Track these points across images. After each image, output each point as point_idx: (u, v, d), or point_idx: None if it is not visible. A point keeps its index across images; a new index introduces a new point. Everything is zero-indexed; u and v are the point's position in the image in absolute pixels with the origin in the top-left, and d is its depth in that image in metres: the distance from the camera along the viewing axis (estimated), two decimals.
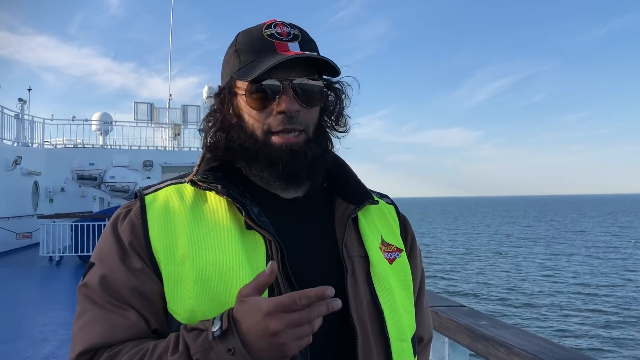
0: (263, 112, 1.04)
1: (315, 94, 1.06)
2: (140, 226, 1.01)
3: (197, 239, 0.98)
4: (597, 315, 16.64)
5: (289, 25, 1.08)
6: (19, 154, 15.96)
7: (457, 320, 2.38)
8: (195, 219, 1.01)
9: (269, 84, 1.02)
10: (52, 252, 12.67)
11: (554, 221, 71.16)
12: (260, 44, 1.04)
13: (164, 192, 1.07)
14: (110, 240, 1.02)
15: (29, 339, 6.05)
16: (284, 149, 1.03)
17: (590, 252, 33.34)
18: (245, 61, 1.05)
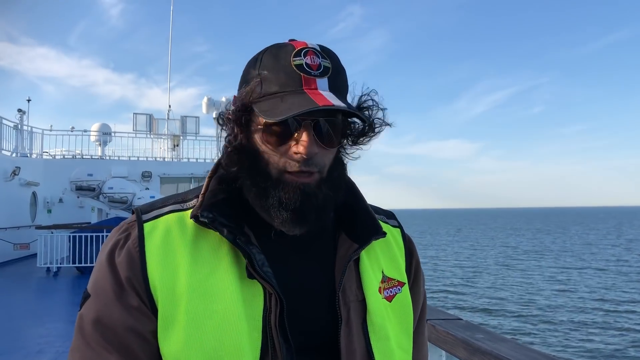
0: (279, 148, 0.97)
1: (336, 134, 1.00)
2: (138, 260, 0.96)
3: (196, 283, 0.94)
4: (625, 333, 15.88)
5: (320, 54, 0.98)
6: (18, 164, 15.96)
7: (454, 333, 2.37)
8: (195, 259, 0.96)
9: (290, 121, 0.95)
10: (49, 263, 12.62)
11: (558, 233, 70.48)
12: (286, 76, 0.95)
13: (164, 220, 1.01)
14: (107, 273, 0.98)
15: (25, 351, 6.02)
16: (297, 189, 0.96)
17: (601, 266, 32.50)
18: (266, 90, 0.96)
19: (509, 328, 16.90)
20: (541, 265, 33.49)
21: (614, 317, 18.03)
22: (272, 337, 0.93)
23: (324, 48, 1.01)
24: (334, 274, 1.04)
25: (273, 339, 0.93)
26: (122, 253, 0.98)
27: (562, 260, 36.51)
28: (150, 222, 1.01)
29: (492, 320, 18.08)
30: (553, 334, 16.03)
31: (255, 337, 0.92)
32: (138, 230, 1.00)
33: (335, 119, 0.99)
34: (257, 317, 0.93)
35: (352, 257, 1.04)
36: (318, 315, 1.01)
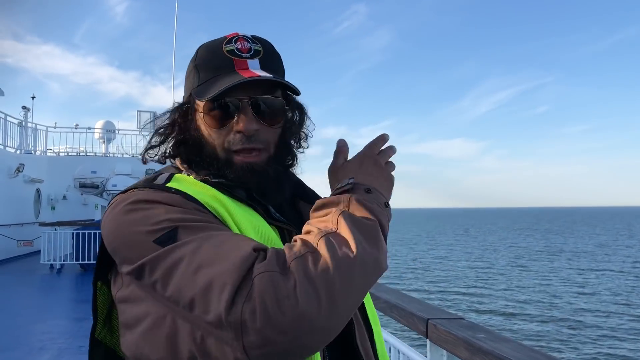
0: (222, 130, 1.02)
1: (275, 112, 1.04)
2: (186, 197, 0.92)
3: (245, 217, 0.96)
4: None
5: (252, 40, 1.05)
6: (22, 161, 16.00)
7: (455, 333, 2.36)
8: (234, 202, 0.98)
9: (227, 102, 1.00)
10: (53, 260, 12.66)
11: (567, 234, 68.94)
12: (219, 61, 1.02)
13: (180, 177, 1.02)
14: (166, 207, 0.90)
15: (27, 347, 6.04)
16: (245, 169, 1.01)
17: (619, 267, 31.14)
18: (203, 78, 1.03)
19: (531, 333, 16.04)
20: (555, 267, 32.43)
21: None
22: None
23: (256, 36, 1.08)
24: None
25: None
26: (165, 195, 0.93)
27: (577, 261, 35.58)
28: (170, 182, 0.98)
29: (513, 325, 17.21)
30: (580, 341, 15.10)
31: None
32: (165, 189, 0.94)
33: (274, 97, 1.04)
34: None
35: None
36: None
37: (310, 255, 0.80)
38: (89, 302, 1.09)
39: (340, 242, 0.82)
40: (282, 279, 0.76)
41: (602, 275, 28.18)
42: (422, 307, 2.93)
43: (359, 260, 0.81)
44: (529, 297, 21.99)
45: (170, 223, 0.86)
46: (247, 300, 0.74)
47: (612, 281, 26.02)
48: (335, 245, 0.81)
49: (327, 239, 0.82)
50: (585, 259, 36.69)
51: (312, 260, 0.79)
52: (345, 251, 0.81)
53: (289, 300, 0.74)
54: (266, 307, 0.73)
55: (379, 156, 1.06)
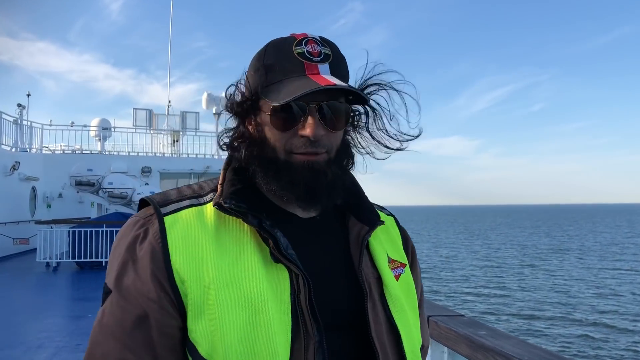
0: (287, 132, 1.01)
1: (340, 117, 1.04)
2: (161, 253, 0.96)
3: (222, 271, 0.95)
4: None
5: (321, 43, 1.04)
6: (17, 159, 15.94)
7: (457, 330, 2.36)
8: (219, 248, 0.97)
9: (295, 106, 0.99)
10: (49, 258, 12.63)
11: (571, 231, 67.24)
12: (289, 64, 1.01)
13: (185, 214, 1.02)
14: (129, 266, 0.97)
15: (24, 345, 6.02)
16: (306, 167, 1.01)
17: (634, 266, 30.20)
18: (272, 79, 1.02)
19: (554, 335, 15.36)
20: (564, 266, 31.26)
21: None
22: (304, 318, 0.95)
23: (324, 38, 1.06)
24: (350, 253, 1.09)
25: (305, 319, 0.95)
26: (143, 247, 0.97)
27: (587, 259, 34.50)
28: (170, 215, 1.01)
29: (534, 327, 16.37)
30: (612, 346, 14.40)
31: (285, 320, 0.94)
32: (159, 224, 0.99)
33: (339, 102, 1.03)
34: (285, 299, 0.95)
35: (367, 237, 1.09)
36: (342, 292, 1.04)
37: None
38: (86, 300, 1.15)
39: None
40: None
41: (620, 275, 27.18)
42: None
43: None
44: (547, 299, 21.19)
45: (111, 285, 0.97)
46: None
47: (632, 283, 24.97)
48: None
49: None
50: (595, 257, 35.76)
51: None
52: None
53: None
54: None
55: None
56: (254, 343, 0.91)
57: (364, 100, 1.06)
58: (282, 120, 1.01)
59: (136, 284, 0.95)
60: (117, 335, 0.93)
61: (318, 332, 0.94)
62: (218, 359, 0.90)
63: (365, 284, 1.05)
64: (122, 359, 0.92)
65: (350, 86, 1.01)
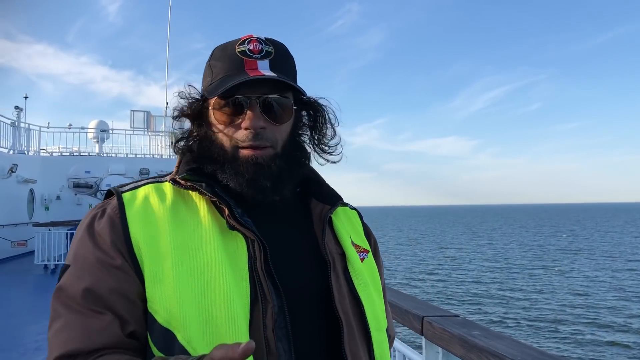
0: (230, 126, 1.07)
1: (283, 110, 1.08)
2: (120, 223, 1.00)
3: (179, 241, 0.98)
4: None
5: (264, 42, 1.09)
6: (15, 161, 15.91)
7: (451, 330, 2.38)
8: (176, 220, 1.01)
9: (235, 100, 1.05)
10: (47, 261, 12.62)
11: (576, 231, 65.79)
12: (230, 61, 1.07)
13: (143, 190, 1.07)
14: (87, 240, 1.00)
15: (22, 348, 6.03)
16: (250, 161, 1.05)
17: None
18: (215, 77, 1.08)
19: (584, 342, 14.47)
20: (576, 267, 29.94)
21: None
22: (261, 283, 0.97)
23: (270, 38, 1.11)
24: (314, 231, 1.14)
25: (262, 284, 0.97)
26: (102, 221, 1.01)
27: (599, 260, 33.18)
28: (128, 192, 1.07)
29: (561, 334, 15.32)
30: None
31: (244, 285, 0.96)
32: (117, 200, 1.04)
33: (282, 97, 1.07)
34: (242, 265, 0.98)
35: (328, 213, 1.14)
36: (306, 264, 1.08)
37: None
38: None
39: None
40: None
41: (638, 276, 26.14)
42: (417, 304, 2.94)
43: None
44: (568, 302, 20.12)
45: (69, 260, 1.00)
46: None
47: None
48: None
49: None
50: (606, 258, 34.63)
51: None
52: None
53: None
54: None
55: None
56: (212, 308, 0.93)
57: (308, 103, 1.13)
58: (225, 114, 1.06)
59: (95, 253, 0.98)
60: (77, 302, 0.94)
61: (277, 298, 0.97)
62: (176, 325, 0.92)
63: (329, 257, 1.09)
64: (86, 326, 0.92)
65: (279, 77, 1.03)
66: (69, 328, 0.93)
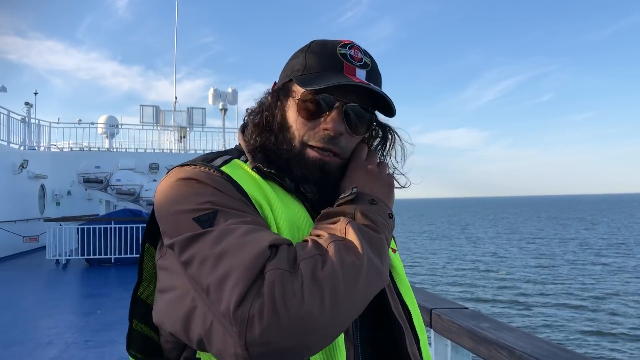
0: (309, 122, 1.05)
1: (363, 123, 1.08)
2: (231, 183, 0.96)
3: (285, 214, 0.99)
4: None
5: (364, 52, 1.09)
6: (26, 157, 16.03)
7: (460, 322, 2.36)
8: (275, 194, 1.01)
9: (324, 98, 1.04)
10: (58, 256, 12.70)
11: (610, 223, 60.95)
12: (330, 60, 1.06)
13: (237, 163, 1.05)
14: (214, 190, 0.94)
15: (34, 342, 6.07)
16: (316, 165, 1.05)
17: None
18: (310, 69, 1.06)
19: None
20: (624, 266, 26.08)
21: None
22: None
23: (367, 51, 1.11)
24: None
25: None
26: (216, 179, 0.96)
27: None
28: (224, 165, 1.02)
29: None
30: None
31: None
32: (219, 172, 0.98)
33: (365, 110, 1.08)
34: None
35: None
36: None
37: (320, 258, 0.83)
38: (95, 297, 1.11)
39: (349, 249, 0.85)
40: (290, 278, 0.78)
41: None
42: (425, 296, 2.92)
43: (365, 268, 0.85)
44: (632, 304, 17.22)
45: (213, 206, 0.91)
46: (257, 296, 0.76)
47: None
48: (343, 251, 0.84)
49: (336, 245, 0.85)
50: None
51: (321, 263, 0.82)
52: (352, 258, 0.84)
53: (295, 299, 0.76)
54: (274, 303, 0.75)
55: (370, 162, 1.09)
56: None
57: (391, 113, 1.11)
58: (309, 110, 1.05)
59: (235, 202, 0.93)
60: (260, 231, 0.88)
61: None
62: None
63: None
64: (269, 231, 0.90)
65: (382, 91, 1.04)
66: (258, 230, 0.88)
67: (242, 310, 0.76)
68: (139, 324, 1.11)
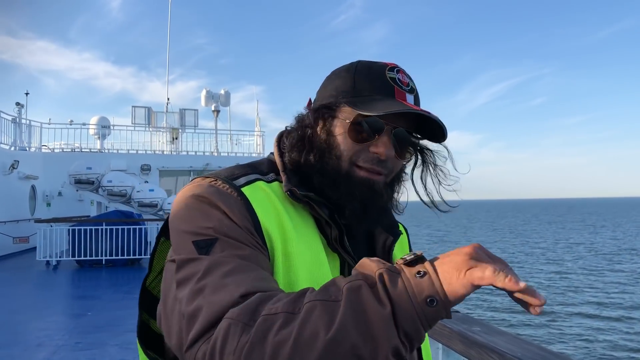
0: (358, 145, 1.04)
1: (408, 148, 1.11)
2: (246, 209, 0.95)
3: (300, 248, 0.98)
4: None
5: (409, 77, 1.10)
6: (17, 158, 15.93)
7: (451, 326, 2.37)
8: (295, 226, 1.00)
9: (375, 123, 1.03)
10: (49, 257, 12.63)
11: (616, 227, 59.18)
12: (381, 84, 1.05)
13: (260, 186, 1.03)
14: (221, 216, 0.93)
15: (24, 344, 6.03)
16: (365, 184, 1.04)
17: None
18: (360, 91, 1.05)
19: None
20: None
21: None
22: None
23: (409, 75, 1.11)
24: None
25: None
26: (229, 201, 0.95)
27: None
28: (246, 186, 1.00)
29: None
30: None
31: None
32: (237, 192, 0.97)
33: (411, 135, 1.09)
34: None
35: (392, 247, 1.16)
36: None
37: (284, 317, 0.75)
38: (86, 299, 1.11)
39: (323, 316, 0.73)
40: (240, 331, 0.75)
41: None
42: None
43: (326, 345, 0.72)
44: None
45: (214, 233, 0.91)
46: (205, 342, 0.77)
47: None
48: (315, 318, 0.73)
49: (315, 306, 0.75)
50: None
51: (280, 324, 0.74)
52: (317, 328, 0.72)
53: (234, 356, 0.73)
54: (214, 354, 0.75)
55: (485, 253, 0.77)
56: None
57: (440, 139, 1.10)
58: (359, 133, 1.04)
59: (239, 231, 0.92)
60: (251, 271, 0.87)
61: None
62: None
63: None
64: (257, 273, 0.87)
65: (438, 119, 1.03)
66: (246, 271, 0.86)
67: (191, 352, 0.79)
68: (146, 315, 1.12)
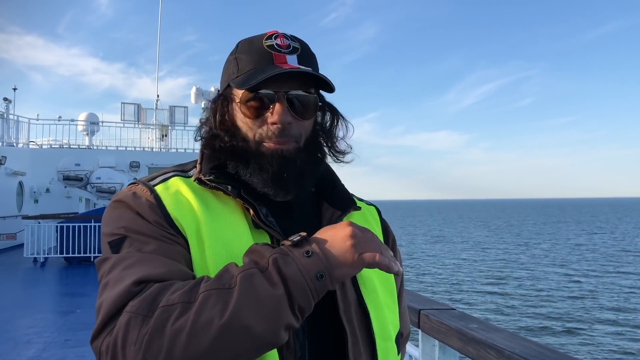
0: (256, 120, 1.06)
1: (309, 107, 1.08)
2: (158, 207, 0.99)
3: (215, 232, 0.98)
4: None
5: (290, 38, 1.09)
6: (4, 154, 15.79)
7: (448, 323, 2.36)
8: (210, 211, 1.01)
9: (264, 94, 1.04)
10: (36, 254, 12.56)
11: (599, 227, 59.39)
12: (259, 54, 1.06)
13: (173, 181, 1.06)
14: (133, 215, 0.98)
15: (12, 341, 5.98)
16: (274, 155, 1.04)
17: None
18: (242, 69, 1.06)
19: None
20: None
21: None
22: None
23: (294, 35, 1.12)
24: None
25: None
26: (140, 202, 1.00)
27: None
28: (160, 184, 1.05)
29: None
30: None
31: None
32: (150, 190, 1.03)
33: (307, 94, 1.07)
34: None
35: (337, 220, 1.11)
36: None
37: (180, 307, 0.80)
38: (74, 296, 1.12)
39: (217, 303, 0.80)
40: (139, 323, 0.80)
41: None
42: (413, 297, 2.92)
43: (220, 329, 0.79)
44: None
45: (125, 232, 0.96)
46: (108, 335, 0.81)
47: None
48: (209, 305, 0.80)
49: (210, 295, 0.81)
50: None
51: (177, 314, 0.79)
52: (212, 315, 0.79)
53: (134, 347, 0.78)
54: (116, 346, 0.79)
55: (367, 243, 0.89)
56: None
57: (331, 89, 1.10)
58: (252, 108, 1.05)
59: (149, 226, 0.97)
60: (150, 262, 0.91)
61: None
62: None
63: None
64: (159, 261, 0.91)
65: (314, 71, 1.04)
66: (147, 261, 0.91)
67: (95, 344, 0.83)
68: None
